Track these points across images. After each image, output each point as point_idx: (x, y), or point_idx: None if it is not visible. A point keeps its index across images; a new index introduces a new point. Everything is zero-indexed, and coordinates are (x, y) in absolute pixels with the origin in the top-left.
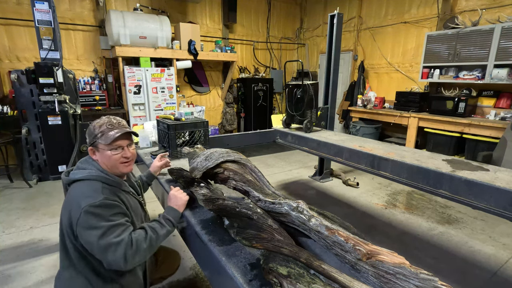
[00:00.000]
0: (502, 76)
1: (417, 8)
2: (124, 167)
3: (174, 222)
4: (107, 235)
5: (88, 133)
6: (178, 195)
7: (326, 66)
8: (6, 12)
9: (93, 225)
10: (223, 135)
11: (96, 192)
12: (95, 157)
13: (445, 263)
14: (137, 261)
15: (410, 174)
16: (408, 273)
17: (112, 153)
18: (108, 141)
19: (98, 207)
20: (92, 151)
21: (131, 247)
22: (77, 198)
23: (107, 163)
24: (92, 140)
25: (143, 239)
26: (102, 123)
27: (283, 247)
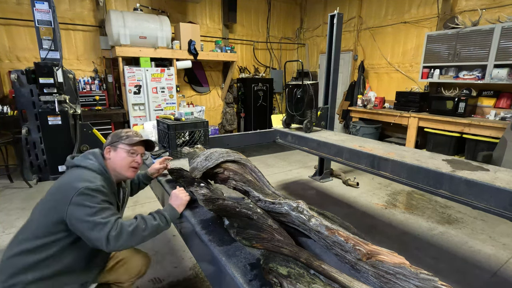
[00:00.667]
0: (502, 76)
1: (417, 8)
2: (131, 172)
3: (168, 219)
4: (96, 215)
5: (113, 135)
6: (180, 194)
7: (326, 66)
8: (6, 12)
9: (86, 204)
10: (223, 135)
11: (95, 179)
12: (108, 156)
13: (445, 263)
14: (120, 245)
15: (410, 174)
16: (408, 273)
17: (128, 156)
18: (131, 142)
19: (94, 190)
20: (108, 150)
21: (115, 229)
22: (76, 180)
23: (118, 163)
24: (115, 140)
25: (129, 224)
26: (129, 130)
27: (283, 247)
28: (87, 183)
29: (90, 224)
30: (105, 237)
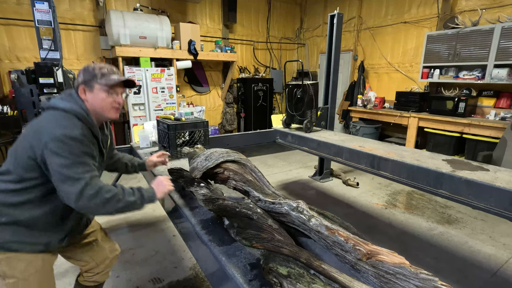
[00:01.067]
0: (502, 76)
1: (417, 8)
2: (114, 113)
3: (144, 200)
4: (70, 167)
5: (84, 72)
6: (165, 181)
7: (326, 66)
8: (6, 12)
9: (61, 153)
10: (223, 135)
11: (76, 127)
12: (84, 97)
13: (445, 263)
14: (91, 206)
15: (410, 174)
16: (408, 273)
17: (108, 96)
18: (110, 82)
19: (73, 139)
20: (83, 90)
21: (91, 188)
22: (53, 125)
23: (98, 105)
24: (89, 78)
25: (108, 190)
26: (103, 66)
27: (283, 247)
28: (66, 130)
29: (62, 176)
30: (78, 193)
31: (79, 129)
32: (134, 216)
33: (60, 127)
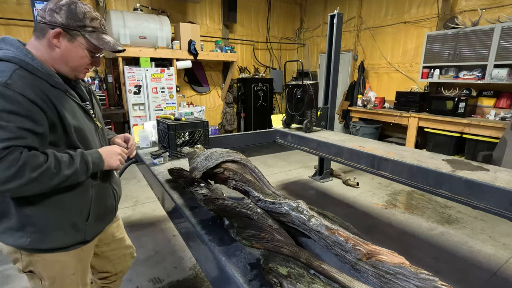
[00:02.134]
0: (502, 76)
1: (417, 8)
2: (83, 74)
3: (88, 171)
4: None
5: (69, 13)
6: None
7: (326, 66)
8: (6, 12)
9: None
10: (223, 135)
11: (2, 73)
12: (57, 43)
13: (445, 263)
14: (10, 189)
15: (410, 174)
16: (408, 273)
17: (88, 56)
18: (99, 43)
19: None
20: (57, 34)
21: (8, 165)
22: None
23: (74, 60)
24: (73, 26)
25: (37, 166)
26: (94, 17)
27: (283, 247)
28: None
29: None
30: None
31: (5, 76)
32: (134, 216)
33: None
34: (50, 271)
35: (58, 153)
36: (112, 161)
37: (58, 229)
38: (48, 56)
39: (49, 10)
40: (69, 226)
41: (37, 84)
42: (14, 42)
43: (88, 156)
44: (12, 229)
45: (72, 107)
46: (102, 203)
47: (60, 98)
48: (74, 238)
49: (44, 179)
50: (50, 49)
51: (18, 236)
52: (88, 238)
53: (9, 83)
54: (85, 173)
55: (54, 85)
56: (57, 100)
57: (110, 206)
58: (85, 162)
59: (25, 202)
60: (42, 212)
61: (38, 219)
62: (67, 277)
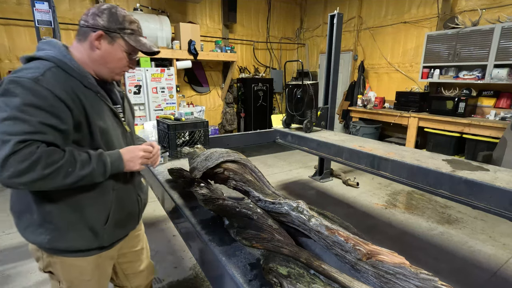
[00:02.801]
0: (502, 76)
1: (417, 8)
2: (119, 76)
3: (106, 172)
4: (2, 124)
5: (110, 16)
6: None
7: (326, 66)
8: (6, 12)
9: (1, 102)
10: (223, 135)
11: (35, 69)
12: (98, 45)
13: (445, 263)
14: (22, 183)
15: (410, 174)
16: (408, 273)
17: (126, 58)
18: (137, 45)
19: (18, 85)
20: (99, 37)
21: (23, 158)
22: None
23: (112, 62)
24: (114, 28)
25: (52, 162)
26: (133, 20)
27: (283, 247)
28: (21, 72)
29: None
30: (1, 161)
31: (39, 72)
32: None
33: (19, 70)
34: (67, 275)
35: (76, 152)
36: (133, 164)
37: (75, 230)
38: (88, 58)
39: (91, 14)
40: (86, 228)
41: (70, 83)
42: (56, 44)
43: (106, 157)
44: (34, 224)
45: (101, 109)
46: (123, 208)
47: (90, 99)
48: (91, 242)
49: (57, 176)
50: (91, 50)
51: (39, 233)
52: (105, 244)
53: (40, 79)
54: (103, 174)
55: (87, 85)
56: (87, 100)
57: (132, 212)
58: (103, 163)
59: (46, 199)
60: (61, 210)
61: (57, 217)
62: (83, 283)
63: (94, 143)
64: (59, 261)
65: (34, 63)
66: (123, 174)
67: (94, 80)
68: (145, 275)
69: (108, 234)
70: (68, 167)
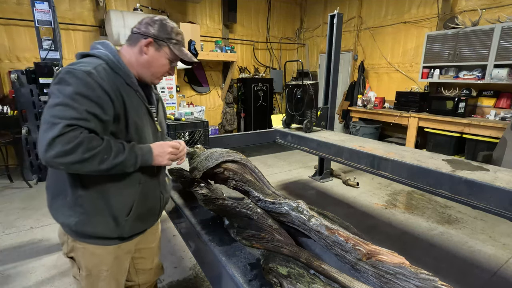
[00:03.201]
0: (502, 76)
1: (417, 8)
2: (159, 80)
3: (136, 163)
4: (52, 108)
5: (161, 26)
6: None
7: (326, 66)
8: (6, 12)
9: (53, 91)
10: (223, 135)
11: (88, 64)
12: (146, 50)
13: (445, 263)
14: (63, 163)
15: (410, 174)
16: (408, 273)
17: (168, 65)
18: (180, 54)
19: (73, 75)
20: (149, 44)
21: (67, 141)
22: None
23: (155, 67)
24: (163, 37)
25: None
26: (179, 31)
27: (283, 247)
28: (75, 65)
29: (42, 119)
30: (49, 141)
31: (91, 66)
32: None
33: (73, 63)
34: (87, 262)
35: (113, 141)
36: (161, 159)
37: (100, 216)
38: (135, 61)
39: (145, 23)
40: (109, 217)
41: (115, 79)
42: (109, 46)
43: (138, 149)
44: (66, 206)
45: (138, 106)
46: (146, 202)
47: (130, 96)
48: (112, 231)
49: (94, 161)
50: (140, 55)
51: (68, 215)
52: (125, 235)
53: (91, 72)
54: (133, 165)
55: (129, 83)
56: (128, 97)
57: (154, 208)
58: (134, 154)
59: (80, 184)
60: (91, 196)
61: (86, 202)
62: (101, 273)
63: (128, 136)
64: (82, 247)
65: (88, 59)
66: (150, 170)
67: (136, 80)
68: (153, 273)
69: (129, 225)
70: (104, 154)
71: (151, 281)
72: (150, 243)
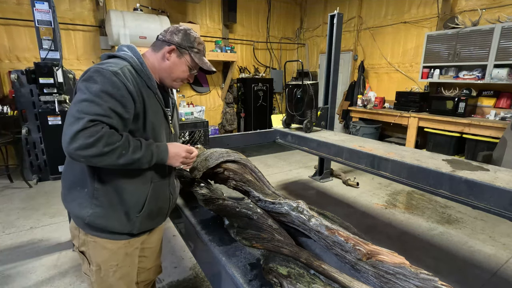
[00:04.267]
0: (502, 76)
1: (417, 8)
2: (178, 85)
3: (152, 161)
4: (79, 103)
5: (185, 36)
6: (181, 155)
7: (326, 66)
8: (6, 12)
9: (81, 87)
10: (223, 135)
11: (115, 65)
12: (168, 57)
13: (445, 263)
14: (84, 156)
15: (410, 174)
16: (408, 273)
17: (187, 71)
18: (201, 62)
19: (100, 74)
20: (171, 50)
21: (89, 134)
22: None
23: (174, 72)
24: (185, 46)
25: (111, 143)
26: (201, 41)
27: (283, 247)
28: (101, 65)
29: (70, 111)
30: (73, 135)
31: (118, 67)
32: None
33: (100, 63)
34: (97, 257)
35: (131, 138)
36: (174, 160)
37: (114, 211)
38: (158, 65)
39: (170, 31)
40: (122, 212)
41: (137, 81)
42: (133, 49)
43: (155, 147)
44: (82, 197)
45: (156, 107)
46: (157, 201)
47: (150, 97)
48: (123, 226)
49: (113, 155)
50: (162, 60)
51: (84, 206)
52: (135, 232)
53: (118, 73)
54: (149, 161)
55: (149, 86)
56: (148, 98)
57: (163, 207)
58: (151, 151)
59: (98, 177)
60: (107, 190)
61: (103, 195)
62: (111, 268)
63: (145, 135)
64: (93, 240)
65: (114, 60)
66: (162, 170)
67: (156, 84)
68: (152, 271)
69: (139, 222)
70: (122, 149)
71: (150, 279)
72: (153, 243)
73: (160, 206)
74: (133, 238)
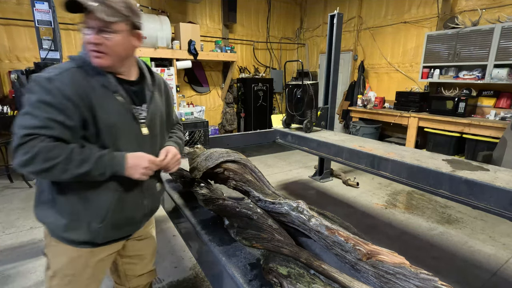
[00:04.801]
0: (502, 76)
1: (417, 8)
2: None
3: (105, 174)
4: (18, 118)
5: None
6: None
7: (326, 66)
8: (6, 12)
9: (25, 98)
10: (223, 135)
11: (55, 70)
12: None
13: (445, 263)
14: (30, 172)
15: (410, 174)
16: (408, 273)
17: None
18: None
19: (37, 83)
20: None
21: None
22: None
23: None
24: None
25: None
26: None
27: (283, 247)
28: (40, 73)
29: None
30: (13, 150)
31: (55, 72)
32: None
33: (42, 71)
34: (55, 263)
35: (78, 150)
36: (133, 171)
37: (76, 220)
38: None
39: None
40: (85, 221)
41: (84, 83)
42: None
43: (109, 159)
44: (44, 203)
45: (116, 107)
46: (123, 212)
47: (103, 98)
48: (84, 234)
49: (55, 171)
50: None
51: (45, 214)
52: (98, 241)
53: (52, 78)
54: (102, 174)
55: (105, 85)
56: (99, 99)
57: (132, 218)
58: (103, 164)
59: (57, 185)
60: (70, 198)
61: (63, 203)
62: (65, 277)
63: (101, 142)
64: (54, 245)
65: (61, 64)
66: (129, 178)
67: (114, 80)
68: (144, 277)
69: (102, 232)
70: (65, 164)
71: (142, 284)
72: (140, 250)
73: (127, 216)
74: (98, 248)
